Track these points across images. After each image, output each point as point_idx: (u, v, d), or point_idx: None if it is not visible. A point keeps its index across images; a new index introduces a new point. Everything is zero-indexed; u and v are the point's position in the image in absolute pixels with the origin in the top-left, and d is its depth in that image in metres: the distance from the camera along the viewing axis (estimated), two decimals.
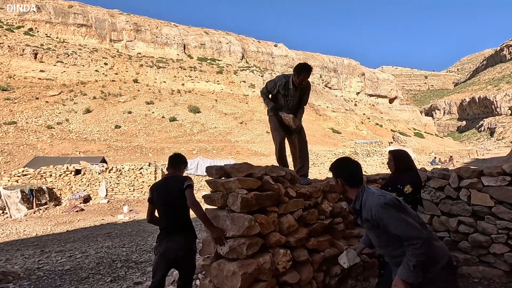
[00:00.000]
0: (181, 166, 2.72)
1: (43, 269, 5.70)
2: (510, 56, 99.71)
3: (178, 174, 2.66)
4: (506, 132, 75.81)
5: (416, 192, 2.45)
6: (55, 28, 54.03)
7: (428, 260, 1.59)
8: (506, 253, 2.97)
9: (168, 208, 2.49)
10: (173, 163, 2.71)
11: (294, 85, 3.11)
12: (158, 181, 2.71)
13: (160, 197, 2.53)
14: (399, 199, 1.74)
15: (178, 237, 2.41)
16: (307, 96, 3.32)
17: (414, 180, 2.47)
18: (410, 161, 2.64)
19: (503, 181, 3.01)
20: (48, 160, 17.34)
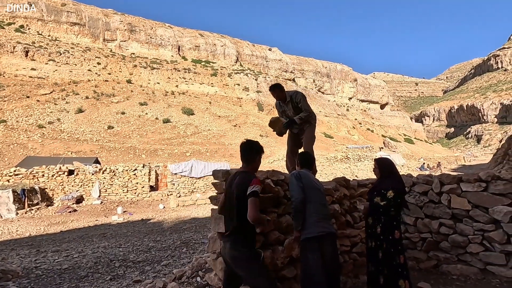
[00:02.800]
0: (256, 157, 2.35)
1: (41, 268, 5.79)
2: (497, 66, 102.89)
3: (249, 171, 2.32)
4: (492, 139, 78.03)
5: (398, 197, 2.72)
6: (47, 26, 53.35)
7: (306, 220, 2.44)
8: (481, 252, 3.28)
9: (230, 209, 2.24)
10: (244, 154, 2.35)
11: (282, 101, 3.66)
12: (232, 173, 2.45)
13: (228, 194, 2.27)
14: (301, 174, 2.60)
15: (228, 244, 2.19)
16: (303, 103, 3.64)
17: (396, 186, 2.75)
18: (393, 167, 2.94)
19: (479, 187, 3.33)
20: (40, 160, 17.19)
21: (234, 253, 2.15)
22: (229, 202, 2.23)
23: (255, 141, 2.40)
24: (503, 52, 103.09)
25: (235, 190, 2.19)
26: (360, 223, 3.61)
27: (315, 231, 2.40)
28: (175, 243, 7.28)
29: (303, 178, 2.56)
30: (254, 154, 2.35)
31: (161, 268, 5.48)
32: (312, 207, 2.46)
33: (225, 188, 2.35)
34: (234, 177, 2.31)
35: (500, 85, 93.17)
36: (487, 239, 3.24)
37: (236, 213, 2.18)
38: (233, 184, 2.24)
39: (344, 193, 3.46)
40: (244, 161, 2.34)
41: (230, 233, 2.19)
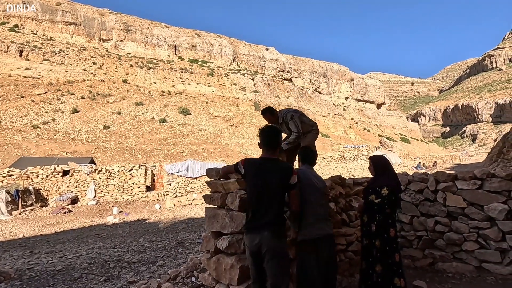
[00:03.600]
0: (280, 141, 2.29)
1: (34, 269, 5.70)
2: (491, 66, 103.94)
3: (277, 158, 2.24)
4: (487, 139, 78.81)
5: (392, 194, 2.70)
6: (42, 25, 52.87)
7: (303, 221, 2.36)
8: (476, 250, 3.28)
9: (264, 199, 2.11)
10: (268, 140, 2.23)
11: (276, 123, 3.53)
12: (256, 160, 2.26)
13: (259, 182, 2.13)
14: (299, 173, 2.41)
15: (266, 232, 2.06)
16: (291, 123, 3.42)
17: (390, 183, 2.73)
18: (387, 165, 2.93)
19: (474, 184, 3.33)
20: (34, 161, 17.00)
21: (276, 242, 2.04)
22: (264, 191, 2.10)
23: (275, 126, 2.37)
24: (497, 52, 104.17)
25: (276, 179, 2.11)
26: (356, 221, 3.60)
27: (312, 233, 2.34)
28: (171, 243, 7.23)
29: (302, 176, 2.46)
30: (280, 139, 2.29)
31: (156, 269, 5.43)
32: (309, 208, 2.37)
33: (254, 179, 2.15)
34: (262, 164, 2.17)
35: (495, 84, 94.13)
36: (482, 237, 3.25)
37: (278, 202, 2.12)
38: (267, 172, 2.13)
39: (339, 191, 3.45)
40: (270, 146, 2.21)
41: (269, 223, 2.07)
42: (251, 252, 2.08)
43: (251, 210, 2.15)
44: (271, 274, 2.05)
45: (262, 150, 2.25)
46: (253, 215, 2.12)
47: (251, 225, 2.11)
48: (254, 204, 2.13)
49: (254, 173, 2.15)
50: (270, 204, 2.10)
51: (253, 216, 2.12)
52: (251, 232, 2.10)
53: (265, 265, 2.06)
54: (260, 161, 2.20)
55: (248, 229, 2.12)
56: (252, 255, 2.09)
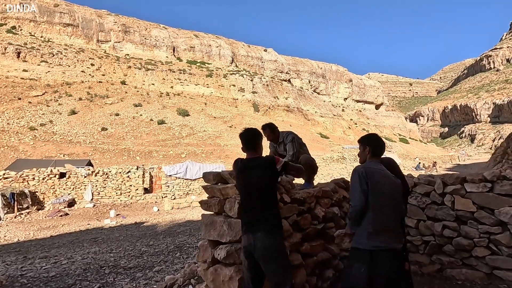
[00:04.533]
0: (261, 141, 2.34)
1: (27, 276, 5.52)
2: (489, 66, 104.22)
3: (260, 156, 2.29)
4: (486, 139, 78.94)
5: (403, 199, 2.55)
6: (40, 27, 52.63)
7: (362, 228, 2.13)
8: (487, 256, 3.13)
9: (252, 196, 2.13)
10: (249, 142, 2.30)
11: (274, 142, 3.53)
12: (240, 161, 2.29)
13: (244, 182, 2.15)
14: (368, 172, 2.17)
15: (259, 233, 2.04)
16: (289, 145, 3.40)
17: None
18: (396, 167, 2.75)
19: (484, 187, 3.18)
20: (31, 163, 16.79)
21: (270, 241, 2.00)
22: (252, 190, 2.11)
23: (254, 127, 2.39)
24: (495, 52, 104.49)
25: (259, 173, 2.11)
26: None
27: (367, 244, 2.08)
28: (169, 248, 7.06)
29: (370, 177, 2.14)
30: (259, 139, 2.33)
31: (153, 275, 5.25)
32: (371, 216, 2.10)
33: (239, 180, 2.19)
34: (246, 165, 2.20)
35: (493, 85, 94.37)
36: (494, 242, 3.10)
37: (268, 197, 2.11)
38: (249, 170, 2.15)
39: (343, 195, 3.30)
40: (252, 148, 2.28)
41: (261, 221, 2.05)
42: (247, 253, 2.03)
43: (243, 211, 2.15)
44: (271, 275, 2.00)
45: (246, 154, 2.31)
46: (245, 215, 2.12)
47: (245, 225, 2.09)
48: (244, 204, 2.14)
49: (238, 172, 2.18)
50: (259, 201, 2.09)
51: (245, 216, 2.11)
52: (246, 232, 2.08)
53: (263, 267, 2.00)
54: (243, 161, 2.26)
55: (244, 231, 2.10)
56: (247, 256, 2.03)
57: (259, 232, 2.01)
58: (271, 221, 2.07)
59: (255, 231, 2.03)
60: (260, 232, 2.01)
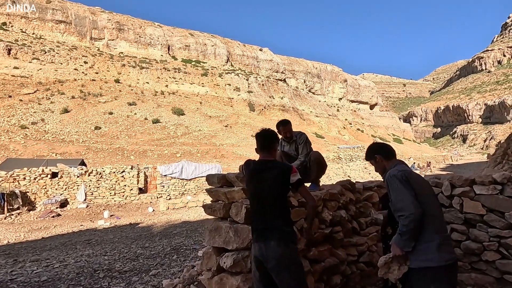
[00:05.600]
0: (277, 143, 2.21)
1: (17, 280, 5.30)
2: (481, 68, 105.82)
3: (275, 159, 2.16)
4: (477, 139, 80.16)
5: None
6: (32, 23, 51.64)
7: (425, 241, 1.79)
8: (497, 260, 3.05)
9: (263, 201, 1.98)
10: (265, 143, 2.14)
11: (286, 140, 3.42)
12: (252, 162, 2.15)
13: (256, 185, 2.01)
14: (408, 175, 1.90)
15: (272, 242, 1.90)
16: (304, 145, 3.36)
17: None
18: None
19: (494, 189, 3.10)
20: (21, 162, 16.39)
21: (283, 250, 1.85)
22: (265, 194, 1.96)
23: (270, 128, 2.23)
24: (486, 54, 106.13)
25: (273, 179, 1.97)
26: (367, 229, 3.34)
27: (440, 259, 1.75)
28: (165, 250, 6.89)
29: (411, 180, 1.87)
30: (276, 141, 2.19)
31: (149, 279, 5.08)
32: (432, 223, 1.80)
33: (250, 183, 2.05)
34: (258, 166, 2.07)
35: (484, 86, 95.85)
36: (504, 246, 3.01)
37: (280, 204, 1.97)
38: (263, 173, 2.01)
39: (350, 197, 3.19)
40: (267, 149, 2.12)
41: (273, 228, 1.90)
42: (257, 264, 1.88)
43: (252, 216, 2.02)
44: (285, 287, 1.85)
45: (259, 155, 2.16)
46: (256, 222, 1.98)
47: (255, 233, 1.96)
48: (253, 208, 2.01)
49: (251, 175, 2.05)
50: (272, 207, 1.96)
51: (255, 222, 1.98)
52: (256, 241, 1.93)
53: (276, 279, 1.85)
54: (256, 163, 2.12)
55: (254, 239, 1.96)
56: (258, 266, 1.88)
57: (271, 241, 1.88)
58: (284, 229, 1.94)
59: (267, 239, 1.89)
60: (273, 241, 1.87)
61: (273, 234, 1.89)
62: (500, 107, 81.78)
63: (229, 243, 2.06)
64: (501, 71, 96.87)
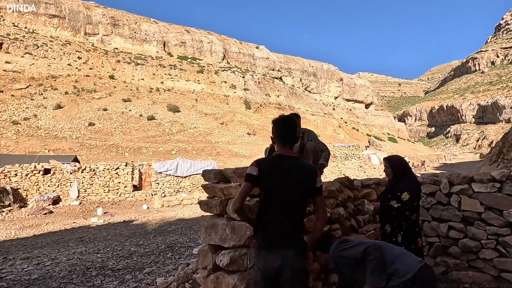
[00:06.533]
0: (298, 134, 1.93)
1: (7, 279, 5.18)
2: (474, 68, 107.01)
3: (297, 155, 1.84)
4: (470, 139, 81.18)
5: (414, 199, 2.41)
6: (24, 17, 50.67)
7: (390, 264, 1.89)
8: (495, 258, 3.04)
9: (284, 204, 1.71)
10: (287, 133, 1.80)
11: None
12: (271, 158, 1.84)
13: (277, 184, 1.70)
14: (341, 239, 2.10)
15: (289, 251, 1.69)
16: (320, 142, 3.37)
17: (412, 186, 2.44)
18: (407, 166, 2.63)
19: (492, 187, 3.09)
20: (13, 158, 16.10)
21: (300, 262, 1.67)
22: (286, 194, 1.69)
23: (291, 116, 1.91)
24: (480, 55, 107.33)
25: (300, 179, 1.71)
26: (365, 227, 3.30)
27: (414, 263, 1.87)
28: (159, 247, 6.80)
29: (348, 239, 2.13)
30: (297, 132, 1.87)
31: (143, 277, 5.00)
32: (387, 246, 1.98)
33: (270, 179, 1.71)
34: (281, 162, 1.74)
35: (478, 86, 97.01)
36: (502, 244, 3.01)
37: (301, 209, 1.75)
38: (288, 171, 1.71)
39: (348, 194, 3.14)
40: (291, 141, 1.80)
41: (290, 237, 1.69)
42: (267, 275, 1.65)
43: (265, 218, 1.72)
44: None
45: (276, 147, 1.83)
46: (269, 225, 1.70)
47: (269, 240, 1.69)
48: (271, 210, 1.69)
49: (272, 171, 1.71)
50: (292, 211, 1.72)
51: (269, 226, 1.70)
52: (269, 249, 1.67)
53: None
54: (278, 158, 1.77)
55: (265, 246, 1.69)
56: (266, 279, 1.66)
57: (288, 250, 1.67)
58: (301, 238, 1.75)
59: (283, 248, 1.67)
60: (290, 250, 1.67)
61: (290, 242, 1.69)
62: (493, 108, 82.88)
63: (226, 240, 1.99)
64: (494, 72, 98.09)
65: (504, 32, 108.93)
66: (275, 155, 1.80)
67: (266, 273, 1.66)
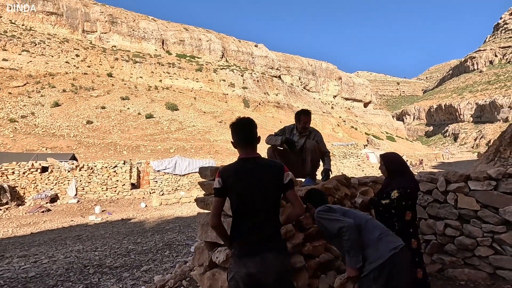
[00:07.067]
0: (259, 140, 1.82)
1: (4, 276, 5.17)
2: (473, 67, 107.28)
3: (259, 155, 1.79)
4: (468, 138, 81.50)
5: (403, 198, 2.31)
6: (21, 14, 50.31)
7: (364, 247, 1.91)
8: (490, 255, 3.05)
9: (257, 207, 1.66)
10: (247, 134, 1.79)
11: (299, 132, 3.42)
12: (233, 164, 1.77)
13: (246, 189, 1.66)
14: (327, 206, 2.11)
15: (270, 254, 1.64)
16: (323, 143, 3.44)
17: (404, 185, 2.35)
18: (403, 165, 2.56)
19: (489, 185, 3.10)
20: (10, 156, 16.04)
21: (283, 263, 1.64)
22: (256, 197, 1.65)
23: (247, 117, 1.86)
24: (478, 54, 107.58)
25: (267, 179, 1.67)
26: None
27: (386, 250, 1.85)
28: (157, 245, 6.80)
29: (333, 208, 2.09)
30: (256, 130, 1.82)
31: (140, 275, 5.00)
32: (366, 227, 1.95)
33: (233, 185, 1.67)
34: (245, 166, 1.70)
35: (476, 85, 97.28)
36: (498, 242, 3.02)
37: (275, 209, 1.70)
38: (254, 173, 1.67)
39: (345, 192, 3.15)
40: (252, 142, 1.77)
41: (270, 239, 1.64)
42: (249, 283, 1.58)
43: (241, 226, 1.67)
44: None
45: (238, 151, 1.79)
46: (246, 233, 1.65)
47: (248, 246, 1.63)
48: (245, 217, 1.65)
49: (237, 177, 1.67)
50: (267, 214, 1.66)
51: (246, 233, 1.65)
52: (249, 255, 1.61)
53: None
54: (241, 163, 1.73)
55: (244, 253, 1.63)
56: (250, 285, 1.58)
57: (268, 253, 1.61)
58: (280, 239, 1.73)
59: (262, 252, 1.62)
60: (271, 253, 1.62)
61: (269, 245, 1.64)
62: (491, 107, 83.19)
63: None
64: (493, 71, 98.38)
65: (502, 31, 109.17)
66: (238, 160, 1.77)
67: (248, 281, 1.59)
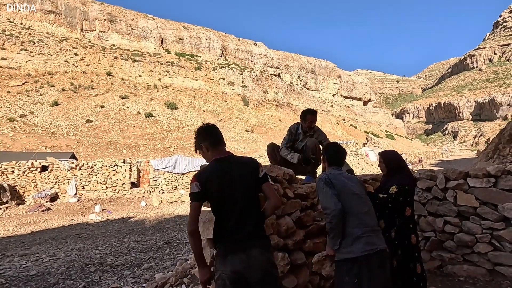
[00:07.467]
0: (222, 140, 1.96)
1: (5, 275, 5.19)
2: (472, 65, 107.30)
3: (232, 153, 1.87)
4: (467, 136, 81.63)
5: (401, 194, 2.33)
6: (19, 13, 50.09)
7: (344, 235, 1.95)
8: (489, 252, 3.08)
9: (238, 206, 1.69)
10: (217, 136, 1.92)
11: (304, 131, 3.43)
12: (209, 166, 1.82)
13: (225, 189, 1.69)
14: (332, 177, 2.06)
15: (255, 250, 1.65)
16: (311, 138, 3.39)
17: (402, 181, 2.37)
18: (401, 162, 2.58)
19: (488, 182, 3.12)
20: (10, 155, 16.03)
21: (268, 259, 1.67)
22: (235, 195, 1.68)
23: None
24: (478, 52, 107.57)
25: (243, 175, 1.72)
26: None
27: (360, 249, 1.89)
28: (158, 244, 6.83)
29: (334, 182, 2.03)
30: (219, 130, 1.99)
31: (141, 273, 5.03)
32: (353, 219, 1.96)
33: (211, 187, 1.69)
34: (220, 166, 1.75)
35: (475, 83, 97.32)
36: (496, 238, 3.05)
37: (256, 205, 1.73)
38: (230, 172, 1.72)
39: None
40: (223, 142, 1.92)
41: (254, 236, 1.67)
42: (236, 281, 1.59)
43: (224, 227, 1.69)
44: None
45: (210, 153, 1.87)
46: (231, 233, 1.66)
47: (232, 245, 1.65)
48: (227, 218, 1.68)
49: (214, 179, 1.71)
50: (248, 211, 1.69)
51: (232, 234, 1.66)
52: (234, 253, 1.63)
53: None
54: (215, 164, 1.78)
55: (229, 251, 1.64)
56: (236, 285, 1.59)
57: (253, 250, 1.63)
58: (264, 235, 1.75)
59: (248, 249, 1.63)
60: (255, 250, 1.64)
61: (254, 242, 1.66)
62: (490, 105, 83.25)
63: None
64: (492, 69, 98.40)
65: (501, 29, 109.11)
66: (212, 161, 1.81)
67: (235, 278, 1.60)
